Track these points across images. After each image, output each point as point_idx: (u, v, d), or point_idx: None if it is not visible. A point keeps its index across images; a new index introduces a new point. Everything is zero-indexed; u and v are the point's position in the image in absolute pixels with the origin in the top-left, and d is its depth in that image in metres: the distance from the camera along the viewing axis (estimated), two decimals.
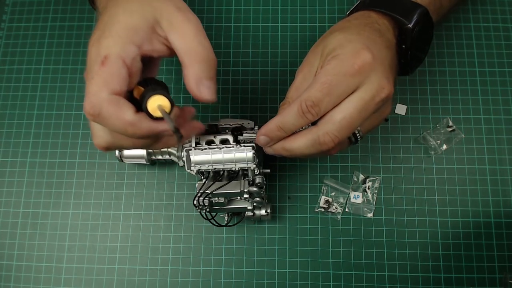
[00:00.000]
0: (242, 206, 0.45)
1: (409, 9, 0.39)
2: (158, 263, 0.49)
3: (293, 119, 0.35)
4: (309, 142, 0.35)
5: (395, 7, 0.40)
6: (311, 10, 0.57)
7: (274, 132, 0.36)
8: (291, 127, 0.35)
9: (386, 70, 0.35)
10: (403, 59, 0.40)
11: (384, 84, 0.34)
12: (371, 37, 0.37)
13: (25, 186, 0.52)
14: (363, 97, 0.34)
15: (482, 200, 0.50)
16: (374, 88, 0.34)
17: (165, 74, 0.56)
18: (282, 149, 0.37)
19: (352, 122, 0.34)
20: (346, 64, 0.34)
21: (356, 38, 0.36)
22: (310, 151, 0.35)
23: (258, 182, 0.42)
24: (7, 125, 0.55)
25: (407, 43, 0.39)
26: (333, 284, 0.48)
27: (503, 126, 0.52)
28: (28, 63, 0.57)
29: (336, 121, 0.34)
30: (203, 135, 0.42)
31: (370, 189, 0.50)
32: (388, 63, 0.36)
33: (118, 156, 0.48)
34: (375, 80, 0.34)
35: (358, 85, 0.34)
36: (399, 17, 0.39)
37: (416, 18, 0.38)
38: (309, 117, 0.34)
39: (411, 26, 0.38)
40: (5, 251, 0.50)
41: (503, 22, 0.55)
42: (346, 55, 0.34)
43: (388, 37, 0.38)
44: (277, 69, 0.55)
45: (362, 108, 0.34)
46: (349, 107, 0.34)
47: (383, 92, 0.34)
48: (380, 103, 0.34)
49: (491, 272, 0.48)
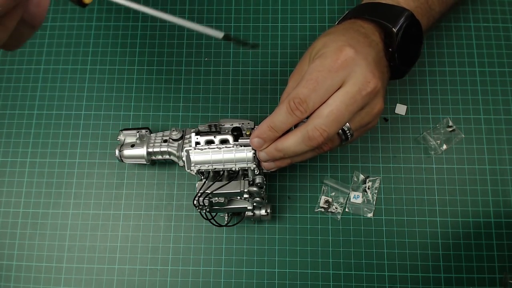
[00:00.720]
0: (242, 206, 0.45)
1: (394, 14, 0.40)
2: (158, 263, 0.49)
3: (283, 117, 0.36)
4: (299, 138, 0.36)
5: (380, 13, 0.41)
6: (311, 10, 0.57)
7: (266, 133, 0.37)
8: (282, 126, 0.36)
9: (370, 64, 0.36)
10: (392, 61, 0.40)
11: (369, 78, 0.35)
12: (355, 36, 0.38)
13: (25, 186, 0.52)
14: (349, 91, 0.35)
15: (482, 200, 0.50)
16: (359, 82, 0.35)
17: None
18: (275, 149, 0.37)
19: (339, 115, 0.34)
20: (330, 60, 0.35)
21: (339, 38, 0.37)
22: (301, 148, 0.36)
23: (258, 182, 0.42)
24: (7, 125, 0.55)
25: (394, 46, 0.39)
26: (333, 284, 0.48)
27: (503, 126, 0.52)
28: (28, 63, 0.57)
29: (323, 115, 0.34)
30: (203, 135, 0.42)
31: (370, 189, 0.50)
32: (372, 59, 0.37)
33: (118, 156, 0.48)
34: (360, 74, 0.35)
35: (343, 80, 0.35)
36: (383, 22, 0.40)
37: (402, 21, 0.39)
38: (298, 114, 0.35)
39: (396, 30, 0.39)
40: (5, 251, 0.50)
41: (503, 22, 0.55)
42: (330, 52, 0.36)
43: (374, 38, 0.39)
44: (277, 69, 0.55)
45: (348, 101, 0.34)
46: (336, 101, 0.35)
47: (368, 86, 0.35)
48: (367, 97, 0.35)
49: (491, 272, 0.48)
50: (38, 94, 0.56)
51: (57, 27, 0.58)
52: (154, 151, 0.47)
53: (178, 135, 0.46)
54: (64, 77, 0.56)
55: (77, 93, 0.55)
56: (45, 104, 0.55)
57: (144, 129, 0.49)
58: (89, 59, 0.57)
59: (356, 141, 0.52)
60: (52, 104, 0.55)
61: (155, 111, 0.54)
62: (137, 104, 0.55)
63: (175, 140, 0.46)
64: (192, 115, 0.54)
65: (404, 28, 0.39)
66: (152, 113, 0.54)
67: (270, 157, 0.38)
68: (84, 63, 0.57)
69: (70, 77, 0.56)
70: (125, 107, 0.55)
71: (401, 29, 0.39)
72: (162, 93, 0.55)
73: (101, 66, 0.56)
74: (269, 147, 0.38)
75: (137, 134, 0.49)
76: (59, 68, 0.57)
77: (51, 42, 0.58)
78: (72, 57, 0.57)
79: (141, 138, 0.48)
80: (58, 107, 0.55)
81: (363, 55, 0.36)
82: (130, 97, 0.55)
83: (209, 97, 0.55)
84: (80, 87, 0.56)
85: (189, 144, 0.43)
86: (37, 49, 0.57)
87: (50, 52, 0.57)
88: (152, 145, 0.47)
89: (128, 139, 0.49)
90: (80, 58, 0.57)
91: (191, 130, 0.44)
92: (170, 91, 0.55)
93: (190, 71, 0.56)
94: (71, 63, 0.57)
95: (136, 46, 0.57)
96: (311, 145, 0.35)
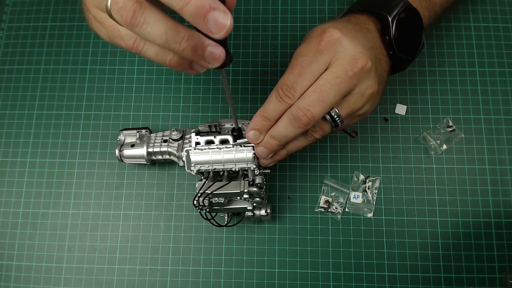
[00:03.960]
0: (242, 206, 0.45)
1: (390, 4, 0.40)
2: (158, 263, 0.49)
3: (274, 106, 0.36)
4: (287, 121, 0.36)
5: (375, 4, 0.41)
6: (311, 10, 0.57)
7: (261, 123, 0.37)
8: (273, 114, 0.36)
9: (357, 45, 0.35)
10: (391, 50, 0.40)
11: (357, 58, 0.34)
12: (343, 23, 0.38)
13: (25, 186, 0.52)
14: (334, 71, 0.34)
15: (482, 200, 0.50)
16: (346, 61, 0.34)
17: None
18: (269, 137, 0.37)
19: (323, 94, 0.34)
20: (313, 43, 0.35)
21: (327, 24, 0.37)
22: (290, 130, 0.36)
23: (258, 183, 0.42)
24: (7, 125, 0.55)
25: (390, 33, 0.39)
26: (333, 284, 0.48)
27: (503, 126, 0.52)
28: (28, 63, 0.57)
29: (306, 95, 0.34)
30: (203, 135, 0.42)
31: (370, 189, 0.50)
32: (360, 41, 0.36)
33: (118, 156, 0.48)
34: (346, 54, 0.34)
35: (328, 62, 0.35)
36: (377, 10, 0.40)
37: (398, 9, 0.39)
38: (287, 100, 0.35)
39: (391, 18, 0.39)
40: (5, 251, 0.50)
41: (503, 22, 0.55)
42: (314, 36, 0.36)
43: (367, 27, 0.39)
44: (277, 69, 0.55)
45: (333, 81, 0.34)
46: (320, 81, 0.34)
47: (355, 66, 0.34)
48: (355, 77, 0.34)
49: (491, 272, 0.48)
50: (38, 94, 0.56)
51: (57, 27, 0.58)
52: (154, 151, 0.47)
53: (178, 135, 0.46)
54: (64, 77, 0.56)
55: (77, 93, 0.55)
56: (45, 104, 0.55)
57: (144, 129, 0.49)
58: (89, 59, 0.57)
59: (356, 141, 0.52)
60: (52, 104, 0.55)
61: (155, 111, 0.54)
62: (137, 104, 0.55)
63: (175, 140, 0.46)
64: (192, 115, 0.54)
65: (399, 15, 0.39)
66: (152, 113, 0.54)
67: (268, 148, 0.38)
68: (84, 63, 0.57)
69: (70, 77, 0.56)
70: (125, 107, 0.55)
71: (396, 16, 0.39)
72: (162, 93, 0.55)
73: (101, 66, 0.56)
74: (265, 138, 0.38)
75: (137, 134, 0.49)
76: (59, 68, 0.57)
77: (51, 42, 0.58)
78: (72, 57, 0.57)
79: (141, 138, 0.48)
80: (58, 107, 0.55)
81: (349, 37, 0.35)
82: (130, 97, 0.55)
83: (209, 97, 0.55)
84: (80, 87, 0.56)
85: (189, 144, 0.43)
86: (37, 49, 0.57)
87: (50, 52, 0.57)
88: (152, 145, 0.47)
89: (128, 139, 0.49)
90: (80, 58, 0.57)
91: (191, 130, 0.44)
92: (170, 91, 0.55)
93: None
94: (71, 63, 0.57)
95: None
96: (298, 126, 0.35)
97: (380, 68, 0.38)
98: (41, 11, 0.59)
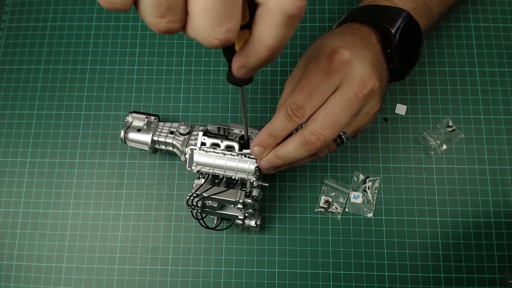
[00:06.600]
0: (233, 214, 0.44)
1: (392, 15, 0.40)
2: (158, 263, 0.49)
3: (282, 124, 0.35)
4: (297, 144, 0.35)
5: (377, 15, 0.40)
6: (311, 10, 0.57)
7: (267, 140, 0.37)
8: (281, 132, 0.36)
9: (366, 66, 0.35)
10: (391, 63, 0.40)
11: (366, 80, 0.34)
12: (351, 39, 0.37)
13: (25, 186, 0.52)
14: (345, 93, 0.34)
15: (482, 200, 0.50)
16: (356, 84, 0.34)
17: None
18: (274, 156, 0.37)
19: (335, 118, 0.34)
20: (324, 64, 0.35)
21: (334, 41, 0.37)
22: (300, 153, 0.36)
23: (254, 195, 0.41)
24: (7, 125, 0.55)
25: (392, 47, 0.39)
26: (333, 284, 0.48)
27: (503, 126, 0.52)
28: (28, 63, 0.57)
29: (319, 119, 0.34)
30: (210, 137, 0.42)
31: (370, 189, 0.50)
32: (368, 61, 0.36)
33: (122, 137, 0.47)
34: (356, 77, 0.34)
35: (339, 83, 0.34)
36: (380, 22, 0.39)
37: (400, 22, 0.39)
38: (296, 120, 0.35)
39: (393, 31, 0.39)
40: (5, 251, 0.50)
41: (503, 22, 0.55)
42: (324, 55, 0.35)
43: (370, 41, 0.39)
44: (277, 69, 0.55)
45: (344, 104, 0.34)
46: (331, 104, 0.34)
47: (365, 88, 0.34)
48: (364, 99, 0.35)
49: (491, 272, 0.48)
50: (38, 94, 0.56)
51: (57, 27, 0.58)
52: (159, 140, 0.46)
53: (186, 130, 0.45)
54: (64, 77, 0.56)
55: (77, 93, 0.55)
56: (45, 104, 0.55)
57: (154, 115, 0.48)
58: (89, 59, 0.57)
59: (356, 141, 0.52)
60: (52, 104, 0.55)
61: (155, 111, 0.54)
62: (137, 104, 0.55)
63: (182, 134, 0.45)
64: (192, 115, 0.54)
65: (402, 29, 0.39)
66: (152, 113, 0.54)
67: (271, 164, 0.38)
68: (84, 63, 0.57)
69: (70, 77, 0.56)
70: (125, 107, 0.55)
71: (399, 30, 0.39)
72: (162, 93, 0.55)
73: (101, 66, 0.56)
74: (269, 154, 0.38)
75: (146, 120, 0.48)
76: (59, 68, 0.57)
77: (51, 42, 0.58)
78: (72, 57, 0.57)
79: (149, 124, 0.47)
80: (58, 107, 0.55)
81: (358, 57, 0.35)
82: (130, 97, 0.55)
83: (209, 97, 0.55)
84: (80, 87, 0.56)
85: (194, 142, 0.43)
86: (37, 49, 0.57)
87: (50, 52, 0.57)
88: (159, 134, 0.46)
89: (135, 123, 0.48)
90: (80, 58, 0.57)
91: (200, 128, 0.44)
92: (170, 91, 0.55)
93: (190, 71, 0.56)
94: (71, 63, 0.57)
95: (136, 46, 0.57)
96: (309, 149, 0.35)
97: (382, 84, 0.38)
98: (41, 11, 0.59)
